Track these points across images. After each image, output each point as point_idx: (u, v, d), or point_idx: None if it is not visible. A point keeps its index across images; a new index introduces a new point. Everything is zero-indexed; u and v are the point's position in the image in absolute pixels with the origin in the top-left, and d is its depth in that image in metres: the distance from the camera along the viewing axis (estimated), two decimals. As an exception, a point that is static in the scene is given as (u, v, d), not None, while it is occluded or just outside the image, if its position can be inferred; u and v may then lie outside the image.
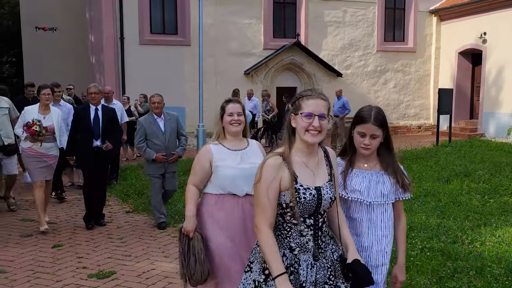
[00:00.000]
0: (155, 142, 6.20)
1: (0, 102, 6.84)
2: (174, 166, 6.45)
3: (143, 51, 16.28)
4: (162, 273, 4.74)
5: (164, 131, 6.27)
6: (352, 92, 18.46)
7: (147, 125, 6.23)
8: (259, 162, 3.15)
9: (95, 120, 6.28)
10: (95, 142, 6.26)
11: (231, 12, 17.05)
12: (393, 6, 19.40)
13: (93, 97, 6.31)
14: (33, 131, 5.96)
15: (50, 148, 6.27)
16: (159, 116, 6.30)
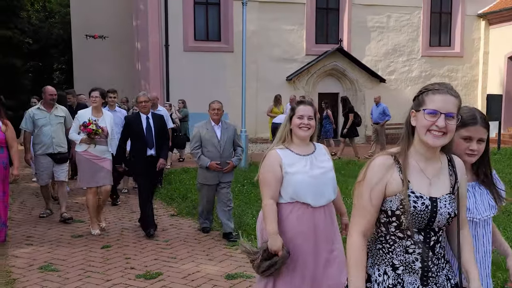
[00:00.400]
0: (210, 149, 6.02)
1: (57, 110, 6.92)
2: (228, 176, 6.22)
3: (187, 57, 16.59)
4: (207, 276, 4.82)
5: (220, 139, 6.06)
6: (395, 98, 18.17)
7: (204, 131, 6.04)
8: (329, 166, 3.18)
9: (148, 129, 6.21)
10: (149, 151, 6.20)
11: (274, 18, 17.16)
12: (439, 10, 19.02)
13: (143, 106, 6.25)
14: (90, 130, 6.03)
15: (104, 152, 6.29)
16: (217, 124, 6.08)
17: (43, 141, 6.79)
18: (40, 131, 6.79)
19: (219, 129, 6.08)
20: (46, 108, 6.86)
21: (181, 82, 16.44)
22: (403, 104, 18.42)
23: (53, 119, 6.87)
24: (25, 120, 6.86)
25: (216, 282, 4.65)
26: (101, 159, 6.26)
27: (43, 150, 6.82)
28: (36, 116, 6.80)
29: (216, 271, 4.93)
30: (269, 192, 3.03)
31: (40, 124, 6.79)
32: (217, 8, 17.15)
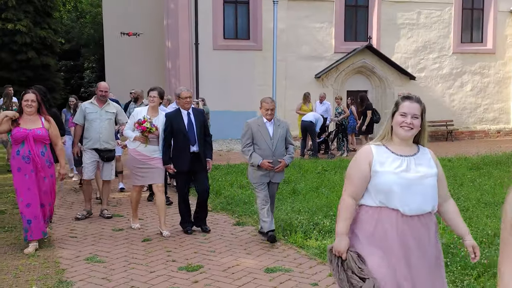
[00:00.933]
0: (261, 147, 5.78)
1: (108, 106, 6.96)
2: (279, 175, 5.99)
3: (216, 56, 16.79)
4: (246, 269, 4.94)
5: (272, 137, 5.83)
6: (426, 95, 17.98)
7: (255, 128, 5.82)
8: (431, 172, 2.76)
9: (189, 125, 6.17)
10: (192, 148, 6.14)
11: (302, 16, 17.20)
12: (471, 6, 18.78)
13: (187, 101, 6.15)
14: (144, 127, 5.94)
15: (154, 151, 6.20)
16: (269, 121, 5.88)
17: (91, 135, 6.84)
18: (90, 125, 6.84)
19: (271, 125, 5.86)
20: (98, 103, 6.91)
21: (210, 80, 16.64)
22: (434, 101, 18.26)
23: (103, 114, 6.88)
24: (77, 113, 7.01)
25: (255, 275, 4.76)
26: (151, 158, 6.17)
27: (90, 144, 6.86)
28: (88, 110, 6.87)
29: (255, 265, 5.04)
30: (350, 188, 2.78)
31: (90, 118, 6.84)
32: (246, 6, 17.29)
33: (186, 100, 6.16)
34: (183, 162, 6.12)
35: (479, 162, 11.42)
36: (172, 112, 6.41)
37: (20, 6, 19.87)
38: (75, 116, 7.11)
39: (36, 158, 5.39)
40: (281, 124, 5.93)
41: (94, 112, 6.86)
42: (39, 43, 20.63)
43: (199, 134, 6.20)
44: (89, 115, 6.85)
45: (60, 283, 4.50)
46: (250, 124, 5.84)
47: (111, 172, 7.14)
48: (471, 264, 4.68)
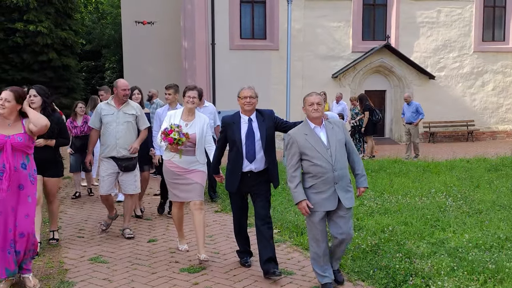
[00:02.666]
0: (316, 162, 4.23)
1: (127, 107, 6.01)
2: (348, 200, 4.32)
3: (233, 55, 16.78)
4: (249, 271, 4.90)
5: (328, 145, 4.27)
6: (445, 95, 17.71)
7: (302, 139, 4.29)
8: None
9: (249, 135, 4.72)
10: (247, 165, 4.76)
11: (319, 16, 17.07)
12: (493, 4, 18.38)
13: (248, 102, 4.71)
14: (171, 139, 4.89)
15: (193, 163, 5.18)
16: (319, 124, 4.34)
17: (107, 141, 5.94)
18: (106, 129, 5.96)
19: (323, 130, 4.33)
20: (115, 104, 5.97)
21: (227, 80, 16.63)
22: (454, 101, 17.95)
23: (120, 116, 5.93)
24: (93, 115, 6.18)
25: (257, 278, 4.72)
26: (188, 171, 5.17)
27: (106, 152, 5.96)
28: (103, 112, 5.97)
29: (258, 267, 4.98)
30: None
31: (106, 121, 5.94)
32: (263, 6, 17.25)
33: (245, 100, 4.70)
34: (232, 182, 4.83)
35: (498, 163, 11.15)
36: (229, 116, 4.89)
37: (42, 8, 20.17)
38: (91, 119, 6.37)
39: (13, 173, 4.20)
40: (335, 126, 4.39)
41: (111, 113, 5.94)
42: (60, 44, 20.90)
43: (265, 147, 4.73)
44: (105, 117, 5.96)
45: (61, 283, 4.54)
46: (293, 136, 4.31)
47: (134, 184, 6.09)
48: (478, 270, 4.55)
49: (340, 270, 4.63)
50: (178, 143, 4.89)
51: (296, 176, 4.28)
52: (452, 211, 6.99)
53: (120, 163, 5.97)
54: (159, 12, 19.57)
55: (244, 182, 4.77)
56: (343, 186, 4.26)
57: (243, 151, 4.71)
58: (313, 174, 4.24)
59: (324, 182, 4.22)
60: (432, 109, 17.80)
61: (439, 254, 5.06)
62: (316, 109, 4.26)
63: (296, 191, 4.26)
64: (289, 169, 4.33)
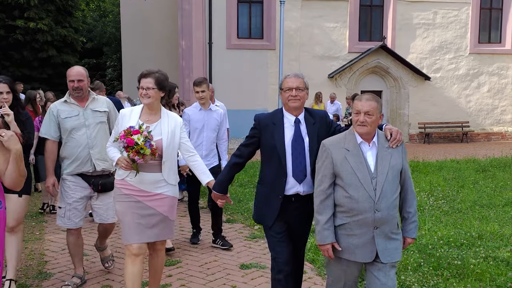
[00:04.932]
0: (353, 194, 2.96)
1: (95, 102, 4.37)
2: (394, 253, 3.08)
3: (230, 55, 16.94)
4: (223, 265, 5.05)
5: (375, 172, 2.98)
6: (441, 96, 17.82)
7: (339, 155, 3.02)
8: None
9: (296, 143, 3.31)
10: (293, 186, 3.32)
11: (316, 16, 17.20)
12: (489, 6, 18.47)
13: (294, 97, 3.29)
14: (131, 141, 3.41)
15: (159, 184, 3.65)
16: (368, 140, 3.01)
17: (76, 154, 4.24)
18: (70, 138, 4.25)
19: (373, 148, 3.01)
20: (77, 101, 4.29)
21: (224, 79, 16.79)
22: (449, 102, 18.05)
23: (89, 117, 4.29)
24: (45, 121, 4.33)
25: (230, 271, 4.87)
26: (150, 196, 3.64)
27: (74, 168, 4.25)
28: (63, 114, 4.25)
29: (233, 261, 5.14)
30: None
31: (69, 126, 4.23)
32: (260, 6, 17.39)
33: (290, 94, 3.31)
34: (268, 211, 3.39)
35: (486, 164, 11.26)
36: (266, 115, 3.49)
37: (42, 5, 20.36)
38: (42, 126, 4.35)
39: None
40: (381, 139, 3.06)
41: (74, 115, 4.26)
42: (60, 42, 21.10)
43: (314, 161, 3.24)
44: (66, 121, 4.24)
45: (39, 274, 4.70)
46: (329, 148, 3.06)
47: (111, 211, 4.34)
48: (443, 265, 4.69)
49: None
50: (139, 151, 3.40)
51: (328, 206, 3.05)
52: (432, 210, 7.12)
53: (95, 181, 4.30)
54: (158, 11, 19.75)
55: (283, 210, 3.34)
56: (386, 232, 2.99)
57: (289, 165, 3.29)
58: (346, 209, 3.00)
59: (359, 224, 2.97)
60: (428, 110, 17.93)
61: (409, 251, 5.19)
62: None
63: (326, 229, 3.02)
64: (319, 194, 3.08)
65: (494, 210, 7.15)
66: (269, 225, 3.41)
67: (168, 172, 3.69)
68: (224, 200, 3.62)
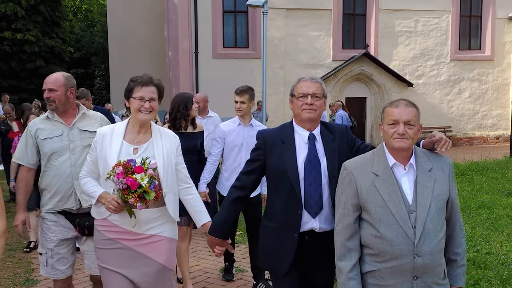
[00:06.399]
0: (384, 232, 2.27)
1: (86, 120, 3.46)
2: None
3: (216, 64, 17.20)
4: (204, 269, 5.27)
5: (414, 205, 2.28)
6: (424, 102, 18.17)
7: (366, 180, 2.34)
8: None
9: (311, 164, 2.62)
10: (307, 221, 2.61)
11: (300, 25, 17.54)
12: (469, 13, 18.92)
13: (309, 106, 2.62)
14: (134, 182, 2.59)
15: (154, 223, 2.86)
16: (403, 162, 2.33)
17: (54, 185, 3.33)
18: (49, 164, 3.35)
19: (410, 173, 2.33)
20: (62, 117, 3.39)
21: (210, 88, 17.00)
22: (432, 108, 18.43)
23: (75, 138, 3.37)
24: (21, 142, 3.45)
25: (210, 274, 5.09)
26: (143, 239, 2.84)
27: (54, 204, 3.34)
28: (42, 134, 3.35)
29: (214, 265, 5.36)
30: None
31: (48, 149, 3.33)
32: (245, 16, 17.70)
33: (304, 102, 2.63)
34: (282, 252, 2.65)
35: (465, 168, 11.58)
36: (272, 131, 2.81)
37: (30, 17, 20.55)
38: (16, 150, 3.48)
39: None
40: (435, 167, 2.34)
41: (56, 135, 3.35)
42: (48, 52, 21.28)
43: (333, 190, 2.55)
44: (45, 143, 3.33)
45: (26, 281, 4.89)
46: (352, 172, 2.38)
47: None
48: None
49: None
50: (142, 196, 2.60)
51: (353, 248, 2.35)
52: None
53: (81, 221, 3.33)
54: (145, 21, 19.99)
55: (300, 253, 2.62)
56: (429, 284, 2.29)
57: (301, 194, 2.58)
58: (376, 252, 2.29)
59: (393, 272, 2.26)
60: (411, 115, 18.28)
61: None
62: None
63: (351, 278, 2.33)
64: (340, 232, 2.38)
65: (468, 212, 7.43)
66: (284, 273, 2.62)
67: (174, 207, 2.88)
68: (224, 248, 2.79)
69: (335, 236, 2.43)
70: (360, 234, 2.36)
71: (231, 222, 2.80)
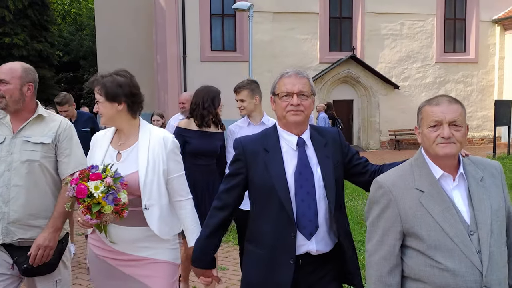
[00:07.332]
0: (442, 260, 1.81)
1: (37, 127, 2.69)
2: None
3: (204, 67, 17.31)
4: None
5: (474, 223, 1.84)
6: (410, 104, 18.40)
7: (410, 198, 1.88)
8: None
9: (302, 174, 2.21)
10: (302, 243, 2.18)
11: (288, 28, 17.72)
12: (453, 16, 19.21)
13: (295, 107, 2.19)
14: (81, 190, 2.23)
15: (141, 242, 2.47)
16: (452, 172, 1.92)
17: None
18: None
19: (461, 186, 1.90)
20: (12, 120, 2.69)
21: (198, 91, 17.13)
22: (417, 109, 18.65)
23: (14, 149, 2.63)
24: None
25: (191, 273, 5.19)
26: (129, 261, 2.48)
27: None
28: None
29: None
30: None
31: None
32: (232, 19, 17.84)
33: (288, 102, 2.20)
34: (275, 283, 2.21)
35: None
36: (252, 138, 2.37)
37: (18, 21, 20.56)
38: None
39: None
40: (486, 174, 1.93)
41: None
42: (36, 56, 21.29)
43: (334, 201, 2.22)
44: None
45: None
46: (390, 189, 1.92)
47: None
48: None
49: None
50: (90, 207, 2.23)
51: (392, 286, 1.90)
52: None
53: (19, 259, 2.58)
54: (133, 25, 20.06)
55: (296, 282, 2.20)
56: None
57: (293, 212, 2.16)
58: (434, 287, 1.84)
59: None
60: (397, 117, 18.52)
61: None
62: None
63: None
64: (377, 264, 1.92)
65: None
66: None
67: (159, 222, 2.41)
68: (210, 279, 2.37)
69: (368, 270, 1.94)
70: (407, 264, 1.88)
71: (214, 248, 2.34)
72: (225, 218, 2.30)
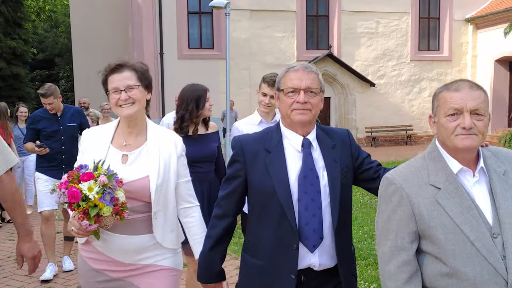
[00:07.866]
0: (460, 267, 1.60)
1: None
2: None
3: (181, 65, 17.25)
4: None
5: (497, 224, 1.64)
6: (386, 101, 18.69)
7: (425, 195, 1.67)
8: None
9: (308, 179, 1.96)
10: (304, 256, 1.96)
11: (265, 26, 17.77)
12: (428, 15, 19.53)
13: (302, 105, 1.96)
14: (74, 193, 1.99)
15: (145, 251, 2.24)
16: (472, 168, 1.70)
17: None
18: None
19: (481, 180, 1.70)
20: None
21: (176, 89, 16.97)
22: (393, 107, 18.95)
23: None
24: None
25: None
26: (134, 270, 2.25)
27: None
28: None
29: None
30: None
31: None
32: (210, 17, 17.81)
33: (295, 100, 1.98)
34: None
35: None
36: (253, 136, 2.13)
37: (-10, 18, 20.17)
38: None
39: None
40: (508, 171, 1.70)
41: None
42: (9, 54, 20.88)
43: (339, 211, 1.97)
44: None
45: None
46: (402, 186, 1.70)
47: None
48: (364, 255, 5.19)
49: None
50: (87, 211, 2.01)
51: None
52: (363, 207, 7.68)
53: None
54: (109, 23, 19.88)
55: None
56: None
57: (296, 221, 1.95)
58: None
59: None
60: (373, 114, 18.77)
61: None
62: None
63: None
64: (394, 274, 1.70)
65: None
66: None
67: (163, 230, 2.25)
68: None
69: (384, 280, 1.71)
70: (421, 272, 1.68)
71: (219, 261, 2.12)
72: (227, 226, 2.10)
